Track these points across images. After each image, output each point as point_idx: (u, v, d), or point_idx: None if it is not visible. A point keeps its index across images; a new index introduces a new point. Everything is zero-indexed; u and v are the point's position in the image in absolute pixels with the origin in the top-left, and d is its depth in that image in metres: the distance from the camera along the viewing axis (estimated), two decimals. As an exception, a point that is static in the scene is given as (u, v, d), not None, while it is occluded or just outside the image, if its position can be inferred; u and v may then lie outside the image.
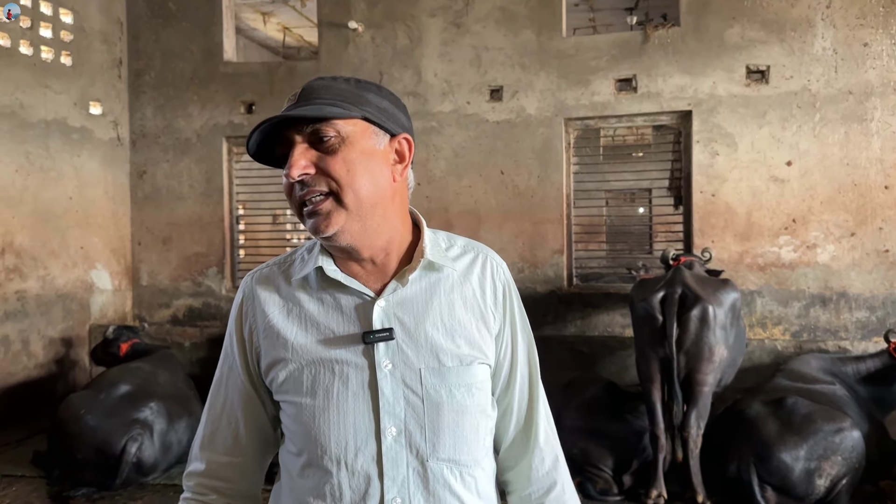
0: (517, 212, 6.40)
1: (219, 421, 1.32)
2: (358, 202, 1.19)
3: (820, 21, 5.80)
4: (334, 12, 6.79)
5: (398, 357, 1.21)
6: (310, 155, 1.17)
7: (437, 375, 1.22)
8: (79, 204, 6.64)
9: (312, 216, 1.18)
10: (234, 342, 1.32)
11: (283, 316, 1.26)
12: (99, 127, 6.89)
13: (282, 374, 1.23)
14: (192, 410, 5.06)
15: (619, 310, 6.16)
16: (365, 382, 1.20)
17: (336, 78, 1.25)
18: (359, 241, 1.22)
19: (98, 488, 4.51)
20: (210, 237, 7.14)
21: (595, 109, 6.28)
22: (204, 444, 1.33)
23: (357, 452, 1.19)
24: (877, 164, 5.72)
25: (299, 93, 1.21)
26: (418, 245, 1.30)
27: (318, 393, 1.20)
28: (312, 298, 1.27)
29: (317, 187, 1.17)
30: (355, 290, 1.25)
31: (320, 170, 1.17)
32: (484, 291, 1.33)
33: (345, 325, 1.23)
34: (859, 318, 5.77)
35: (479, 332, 1.29)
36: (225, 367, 1.34)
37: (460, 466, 1.24)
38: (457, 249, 1.36)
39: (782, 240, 5.91)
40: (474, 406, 1.26)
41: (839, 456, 3.91)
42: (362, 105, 1.21)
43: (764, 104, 5.91)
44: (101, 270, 6.92)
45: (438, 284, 1.29)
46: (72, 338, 6.62)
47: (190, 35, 7.11)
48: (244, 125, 7.02)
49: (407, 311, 1.25)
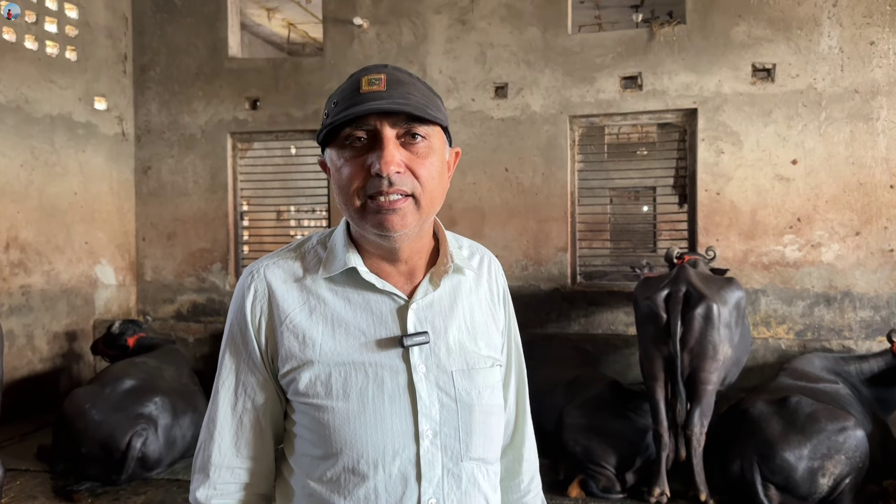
0: (521, 209, 6.40)
1: (240, 423, 1.26)
2: (430, 207, 1.20)
3: (826, 19, 5.78)
4: (339, 8, 6.79)
5: (431, 360, 1.22)
6: (401, 152, 1.15)
7: (467, 378, 1.24)
8: (83, 199, 6.65)
9: (386, 213, 1.15)
10: (250, 338, 1.25)
11: (305, 314, 1.22)
12: (104, 122, 6.89)
13: (305, 376, 1.20)
14: (196, 405, 5.08)
15: (622, 308, 6.16)
16: (401, 386, 1.19)
17: (411, 73, 1.23)
18: (410, 243, 1.23)
19: (102, 483, 4.53)
20: (214, 233, 7.14)
21: (600, 107, 6.27)
22: (222, 451, 1.26)
23: (395, 455, 1.18)
24: (882, 164, 5.70)
25: (385, 78, 1.17)
26: (441, 248, 1.30)
27: (352, 396, 1.18)
28: (338, 297, 1.24)
29: (402, 186, 1.15)
30: (387, 291, 1.24)
31: (409, 170, 1.16)
32: (492, 293, 1.36)
33: (376, 327, 1.21)
34: (863, 318, 5.76)
35: (494, 333, 1.33)
36: (242, 365, 1.26)
37: (487, 464, 1.27)
38: (466, 251, 1.37)
39: (787, 239, 5.90)
40: (498, 406, 1.30)
41: (843, 455, 3.90)
42: (441, 112, 1.22)
43: (769, 102, 5.90)
44: (105, 266, 6.93)
45: (460, 287, 1.31)
46: (76, 332, 6.63)
47: (195, 30, 7.12)
48: (249, 121, 7.02)
49: (436, 313, 1.25)
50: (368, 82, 1.16)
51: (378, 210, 1.15)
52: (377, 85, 1.16)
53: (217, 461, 1.26)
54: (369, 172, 1.14)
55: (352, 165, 1.17)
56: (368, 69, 1.19)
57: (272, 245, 7.47)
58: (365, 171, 1.15)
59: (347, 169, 1.17)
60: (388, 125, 1.14)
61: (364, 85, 1.16)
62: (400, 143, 1.16)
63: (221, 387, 1.28)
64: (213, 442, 1.26)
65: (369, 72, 1.18)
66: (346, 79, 1.21)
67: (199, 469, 1.27)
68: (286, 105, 6.93)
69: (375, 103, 1.13)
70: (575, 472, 4.43)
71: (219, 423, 1.26)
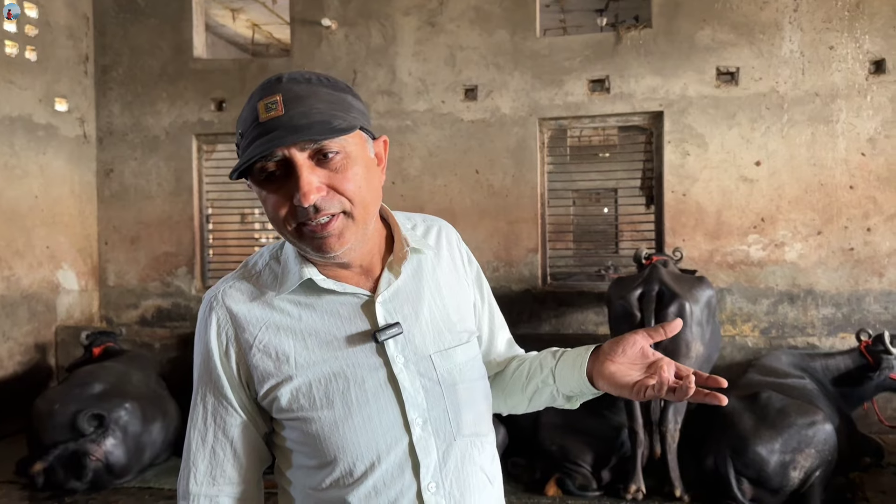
0: (492, 211, 6.43)
1: (212, 453, 1.24)
2: (365, 216, 1.16)
3: (788, 24, 5.93)
4: (307, 9, 6.74)
5: (408, 349, 1.21)
6: (318, 174, 1.10)
7: (446, 358, 1.24)
8: (44, 202, 6.48)
9: (321, 237, 1.12)
10: (216, 366, 1.23)
11: (272, 332, 1.21)
12: (65, 124, 6.74)
13: (286, 392, 1.18)
14: (166, 410, 5.02)
15: (592, 308, 6.23)
16: (383, 380, 1.19)
17: (310, 79, 1.14)
18: (358, 252, 1.20)
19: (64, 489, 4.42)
20: (179, 236, 7.03)
21: (569, 109, 6.34)
22: (197, 480, 1.25)
23: (389, 450, 1.18)
24: (842, 165, 5.87)
25: (281, 98, 1.09)
26: (395, 235, 1.28)
27: (335, 402, 1.17)
28: (302, 308, 1.22)
29: (329, 209, 1.11)
30: (350, 293, 1.22)
31: (332, 189, 1.11)
32: (454, 262, 1.36)
33: (346, 328, 1.20)
34: (826, 315, 5.92)
35: (464, 304, 1.33)
36: (208, 395, 1.24)
37: (480, 437, 1.27)
38: (421, 228, 1.35)
39: (751, 238, 6.03)
40: (481, 377, 1.31)
41: (812, 448, 4.01)
42: (352, 112, 1.14)
43: (733, 105, 6.03)
44: (67, 270, 6.77)
45: (421, 268, 1.29)
46: (38, 339, 6.46)
47: (159, 31, 7.00)
48: (214, 122, 6.93)
49: (403, 301, 1.24)
50: (265, 108, 1.09)
51: (313, 235, 1.13)
52: (274, 110, 1.09)
53: (194, 490, 1.25)
54: (293, 204, 1.11)
55: (275, 197, 1.13)
56: (264, 89, 1.12)
57: (237, 249, 7.37)
58: (288, 200, 1.11)
59: (271, 200, 1.13)
60: (297, 150, 1.09)
61: (262, 112, 1.10)
62: (315, 164, 1.10)
63: (192, 418, 1.27)
64: (188, 471, 1.26)
65: (265, 93, 1.11)
66: (248, 99, 1.16)
67: (180, 496, 1.27)
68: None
69: (276, 134, 1.07)
70: (551, 471, 4.47)
71: (192, 453, 1.26)
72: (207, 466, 1.24)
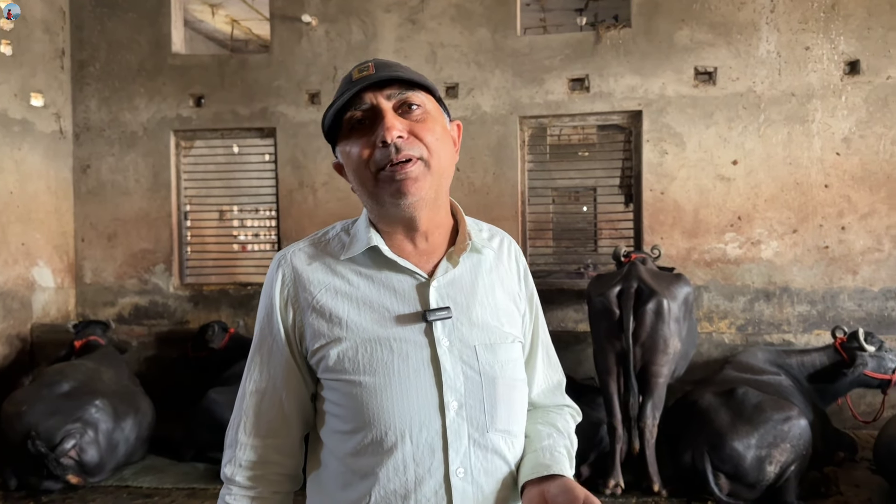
0: (473, 209, 6.44)
1: (261, 404, 1.31)
2: (441, 170, 1.25)
3: (765, 25, 6.01)
4: (287, 5, 6.71)
5: (454, 335, 1.25)
6: (401, 122, 1.21)
7: (490, 351, 1.28)
8: (19, 199, 6.39)
9: (397, 180, 1.20)
10: (276, 319, 1.30)
11: (331, 295, 1.27)
12: (41, 119, 6.65)
13: (333, 353, 1.24)
14: (138, 406, 4.97)
15: (572, 305, 6.27)
16: (425, 359, 1.23)
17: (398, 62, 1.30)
18: (428, 211, 1.26)
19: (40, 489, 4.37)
20: (157, 233, 6.97)
21: (549, 108, 6.37)
22: (246, 430, 1.31)
23: (422, 427, 1.21)
24: (818, 164, 5.95)
25: (373, 64, 1.25)
26: (460, 228, 1.34)
27: (378, 370, 1.22)
28: (361, 278, 1.28)
29: (409, 151, 1.20)
30: (408, 269, 1.28)
31: (413, 135, 1.21)
32: (511, 272, 1.40)
33: (399, 304, 1.26)
34: (801, 312, 6.00)
35: (514, 310, 1.37)
36: (264, 350, 1.32)
37: (511, 436, 1.29)
38: (486, 232, 1.41)
39: (728, 236, 6.10)
40: (521, 381, 1.34)
41: (788, 443, 4.06)
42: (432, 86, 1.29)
43: (711, 105, 6.09)
44: (42, 267, 6.68)
45: (480, 266, 1.35)
46: (13, 336, 6.37)
47: (137, 26, 6.93)
48: (193, 118, 6.88)
49: (458, 291, 1.29)
50: (359, 71, 1.25)
51: (391, 178, 1.21)
52: (367, 71, 1.24)
53: (242, 439, 1.31)
54: (376, 146, 1.21)
55: (359, 144, 1.23)
56: (359, 63, 1.28)
57: (215, 246, 7.32)
58: (372, 145, 1.21)
59: (356, 148, 1.24)
60: (383, 98, 1.22)
61: (355, 74, 1.25)
62: (398, 115, 1.22)
63: (248, 368, 1.34)
64: (239, 420, 1.32)
65: (359, 64, 1.27)
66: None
67: (227, 445, 1.33)
68: (232, 102, 6.81)
69: (366, 81, 1.21)
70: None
71: (244, 402, 1.33)
72: (255, 416, 1.31)
